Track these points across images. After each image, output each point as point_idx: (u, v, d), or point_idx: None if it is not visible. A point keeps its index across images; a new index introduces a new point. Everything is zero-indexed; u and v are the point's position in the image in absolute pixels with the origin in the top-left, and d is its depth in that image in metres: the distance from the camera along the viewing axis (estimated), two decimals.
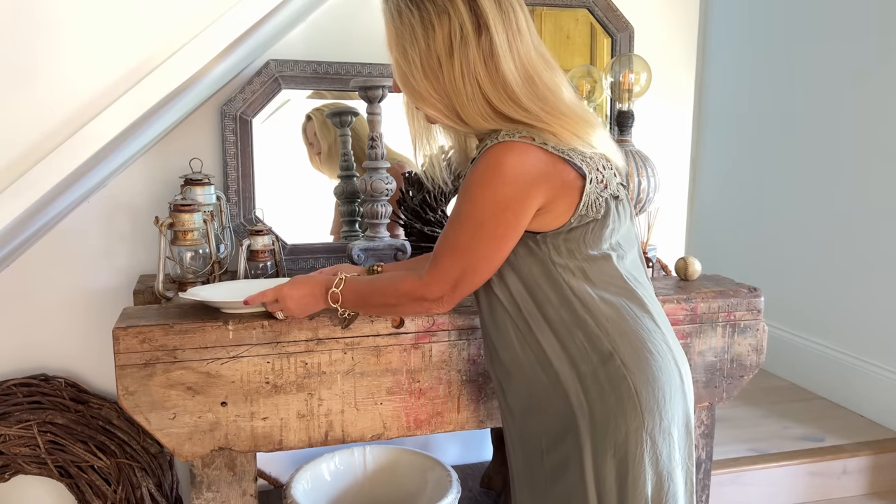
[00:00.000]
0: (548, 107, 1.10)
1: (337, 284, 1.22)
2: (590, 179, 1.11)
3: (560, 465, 1.13)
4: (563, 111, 1.11)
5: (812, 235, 2.74)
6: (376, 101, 1.59)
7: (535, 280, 1.13)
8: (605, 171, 1.14)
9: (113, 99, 1.39)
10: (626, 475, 1.09)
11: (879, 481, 2.23)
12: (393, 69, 1.18)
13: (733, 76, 3.14)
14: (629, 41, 2.03)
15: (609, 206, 1.14)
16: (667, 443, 1.11)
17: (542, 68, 1.13)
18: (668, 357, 1.14)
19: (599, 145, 1.14)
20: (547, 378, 1.13)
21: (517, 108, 1.10)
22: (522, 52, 1.11)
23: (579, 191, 1.10)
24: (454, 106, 1.13)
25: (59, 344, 1.83)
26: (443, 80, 1.11)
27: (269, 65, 1.77)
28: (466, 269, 1.11)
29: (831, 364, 2.64)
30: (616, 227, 1.15)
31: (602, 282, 1.13)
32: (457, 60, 1.09)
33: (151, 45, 1.40)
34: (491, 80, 1.09)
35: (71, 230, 1.78)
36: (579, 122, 1.12)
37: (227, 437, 1.30)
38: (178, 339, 1.25)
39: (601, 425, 1.09)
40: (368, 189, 1.60)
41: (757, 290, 1.54)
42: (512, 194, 1.07)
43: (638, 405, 1.09)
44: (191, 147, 1.81)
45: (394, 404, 1.37)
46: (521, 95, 1.10)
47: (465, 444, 2.17)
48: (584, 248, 1.12)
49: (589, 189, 1.11)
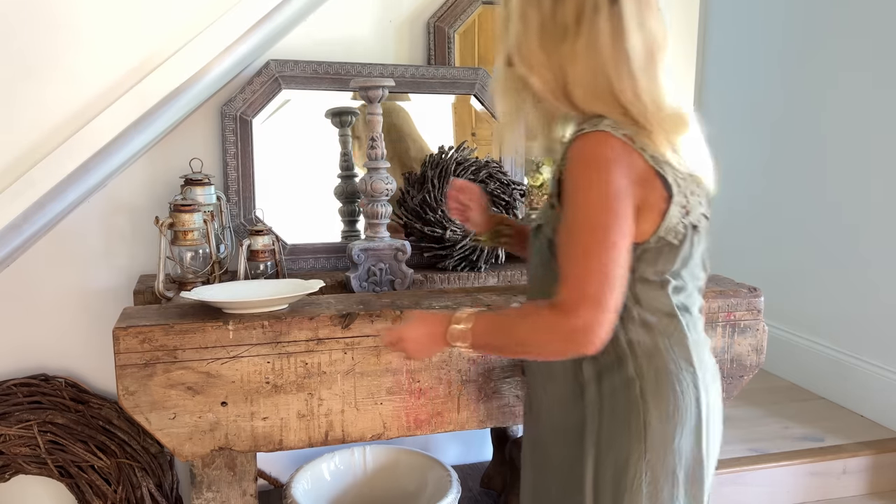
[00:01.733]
0: (657, 97, 1.02)
1: (459, 320, 1.07)
2: (675, 202, 1.03)
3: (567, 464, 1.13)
4: (665, 105, 1.03)
5: (812, 235, 2.74)
6: (376, 101, 1.59)
7: None
8: (691, 197, 1.05)
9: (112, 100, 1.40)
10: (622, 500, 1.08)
11: (879, 481, 2.23)
12: (510, 32, 1.07)
13: (733, 76, 3.14)
14: None
15: (687, 234, 1.05)
16: (669, 482, 1.08)
17: (664, 48, 1.04)
18: (691, 400, 1.08)
19: (689, 156, 1.05)
20: (574, 380, 1.11)
21: (632, 91, 1.01)
22: (650, 27, 1.02)
23: (661, 212, 1.03)
24: (565, 80, 1.03)
25: (59, 344, 1.83)
26: (562, 50, 1.02)
27: (269, 65, 1.77)
28: (605, 274, 0.98)
29: (831, 364, 2.63)
30: (687, 257, 1.08)
31: (650, 306, 1.07)
32: (584, 30, 1.01)
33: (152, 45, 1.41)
34: (615, 55, 1.00)
35: (71, 230, 1.78)
36: (677, 122, 1.03)
37: (228, 437, 1.30)
38: (179, 339, 1.25)
39: (606, 442, 1.08)
40: (368, 189, 1.60)
41: (757, 290, 1.54)
42: (619, 184, 0.99)
43: (643, 435, 1.06)
44: (191, 147, 1.81)
45: (394, 404, 1.37)
46: (640, 76, 1.01)
47: (465, 444, 2.17)
48: (644, 271, 1.05)
49: (672, 211, 1.03)
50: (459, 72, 1.89)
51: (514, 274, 1.78)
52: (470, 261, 1.77)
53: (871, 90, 2.47)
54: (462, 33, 1.93)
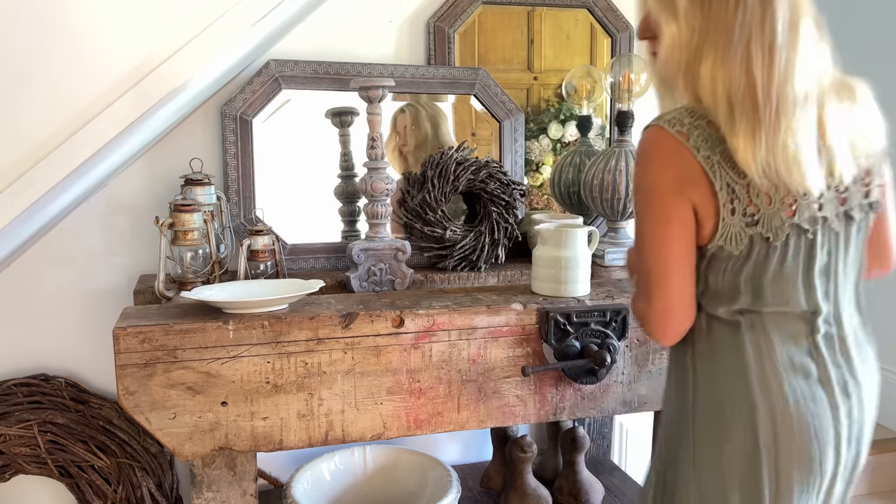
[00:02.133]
0: (782, 94, 0.96)
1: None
2: (723, 204, 0.98)
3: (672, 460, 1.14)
4: (789, 104, 0.96)
5: None
6: (376, 101, 1.59)
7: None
8: (765, 204, 0.98)
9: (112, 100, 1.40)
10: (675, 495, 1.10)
11: (879, 481, 2.23)
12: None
13: None
14: (629, 41, 2.03)
15: (753, 247, 0.99)
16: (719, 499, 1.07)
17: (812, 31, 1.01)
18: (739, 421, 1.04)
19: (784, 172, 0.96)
20: (676, 378, 1.13)
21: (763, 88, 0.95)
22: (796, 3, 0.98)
23: (714, 214, 0.99)
24: (702, 47, 0.98)
25: (60, 344, 1.83)
26: (710, 15, 0.98)
27: (269, 65, 1.77)
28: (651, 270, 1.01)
29: None
30: (772, 275, 1.00)
31: (716, 316, 1.04)
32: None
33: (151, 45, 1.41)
34: (761, 27, 0.96)
35: (71, 230, 1.78)
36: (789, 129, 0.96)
37: (228, 437, 1.30)
38: (179, 339, 1.25)
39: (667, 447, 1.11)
40: (368, 189, 1.60)
41: None
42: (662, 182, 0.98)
43: (692, 458, 1.07)
44: (191, 147, 1.81)
45: (394, 404, 1.37)
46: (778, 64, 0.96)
47: (465, 444, 2.17)
48: (717, 279, 1.02)
49: (727, 217, 0.98)
50: (459, 72, 1.89)
51: (514, 274, 1.78)
52: (470, 261, 1.77)
53: (872, 89, 2.47)
54: (462, 33, 1.93)
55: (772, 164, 0.95)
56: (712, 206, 0.98)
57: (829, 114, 1.00)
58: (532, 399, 1.43)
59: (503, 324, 1.39)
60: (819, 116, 0.99)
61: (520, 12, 1.98)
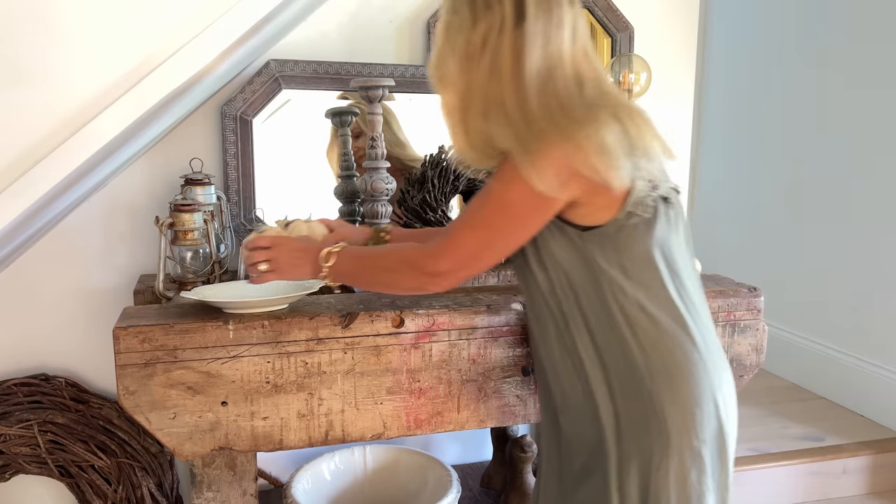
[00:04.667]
0: (557, 106, 1.06)
1: (335, 246, 1.19)
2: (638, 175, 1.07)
3: (587, 470, 1.12)
4: (607, 103, 1.07)
5: (812, 235, 2.74)
6: (376, 101, 1.59)
7: (577, 278, 1.09)
8: (654, 170, 1.09)
9: (113, 99, 1.39)
10: (648, 491, 1.07)
11: (879, 481, 2.23)
12: (432, 58, 1.15)
13: (733, 76, 3.14)
14: (629, 41, 2.03)
15: (658, 207, 1.10)
16: (696, 465, 1.08)
17: (580, 62, 1.09)
18: (704, 382, 1.09)
19: (649, 143, 1.08)
20: (580, 381, 1.12)
21: (520, 109, 1.06)
22: (554, 45, 1.08)
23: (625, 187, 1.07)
24: (469, 104, 1.11)
25: (60, 344, 1.83)
26: (471, 73, 1.09)
27: (270, 65, 1.77)
28: (482, 245, 1.09)
29: (831, 364, 2.64)
30: (667, 233, 1.11)
31: (644, 291, 1.08)
32: (488, 52, 1.08)
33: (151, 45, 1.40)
34: (513, 75, 1.06)
35: (71, 230, 1.78)
36: (623, 115, 1.06)
37: (228, 437, 1.30)
38: (179, 339, 1.25)
39: (627, 438, 1.08)
40: (368, 189, 1.60)
41: (757, 290, 1.54)
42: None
43: (663, 421, 1.06)
44: (191, 147, 1.81)
45: (394, 404, 1.37)
46: (533, 94, 1.06)
47: (465, 444, 2.17)
48: (629, 250, 1.08)
49: (639, 184, 1.07)
50: None
51: (514, 274, 1.78)
52: None
53: (872, 90, 2.47)
54: None
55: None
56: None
57: None
58: (532, 399, 1.43)
59: (503, 324, 1.39)
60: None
61: None
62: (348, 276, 1.21)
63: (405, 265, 1.14)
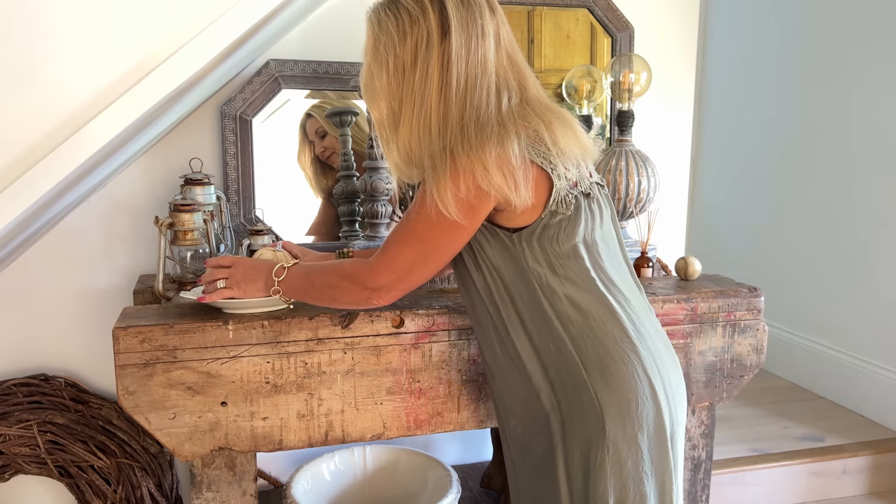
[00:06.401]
0: (473, 119, 1.10)
1: (287, 263, 1.24)
2: (557, 175, 1.11)
3: (539, 464, 1.15)
4: (525, 111, 1.12)
5: (812, 235, 2.74)
6: None
7: (511, 280, 1.13)
8: (573, 170, 1.14)
9: (112, 99, 1.39)
10: (589, 479, 1.10)
11: (879, 481, 2.23)
12: (362, 74, 1.19)
13: (733, 76, 3.14)
14: (629, 41, 2.03)
15: (580, 203, 1.14)
16: (632, 452, 1.09)
17: (505, 71, 1.13)
18: (635, 367, 1.11)
19: (566, 145, 1.13)
20: (522, 379, 1.15)
21: (443, 119, 1.10)
22: (478, 56, 1.11)
23: (547, 187, 1.11)
24: (401, 119, 1.14)
25: (59, 344, 1.83)
26: (402, 89, 1.13)
27: (269, 65, 1.77)
28: (417, 259, 1.12)
29: (831, 364, 2.63)
30: (590, 225, 1.15)
31: (572, 284, 1.12)
32: (419, 67, 1.11)
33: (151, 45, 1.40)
34: (439, 89, 1.10)
35: (71, 230, 1.78)
36: (540, 122, 1.12)
37: (227, 437, 1.30)
38: (178, 339, 1.25)
39: (569, 429, 1.11)
40: (368, 189, 1.60)
41: (757, 290, 1.54)
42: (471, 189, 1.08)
43: (599, 411, 1.08)
44: (191, 147, 1.81)
45: (394, 404, 1.37)
46: (456, 109, 1.10)
47: (465, 444, 2.17)
48: (555, 246, 1.12)
49: (558, 185, 1.11)
50: None
51: None
52: None
53: (873, 89, 2.47)
54: None
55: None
56: (542, 181, 1.13)
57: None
58: None
59: None
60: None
61: (520, 12, 1.98)
62: (298, 291, 1.24)
63: (347, 280, 1.18)
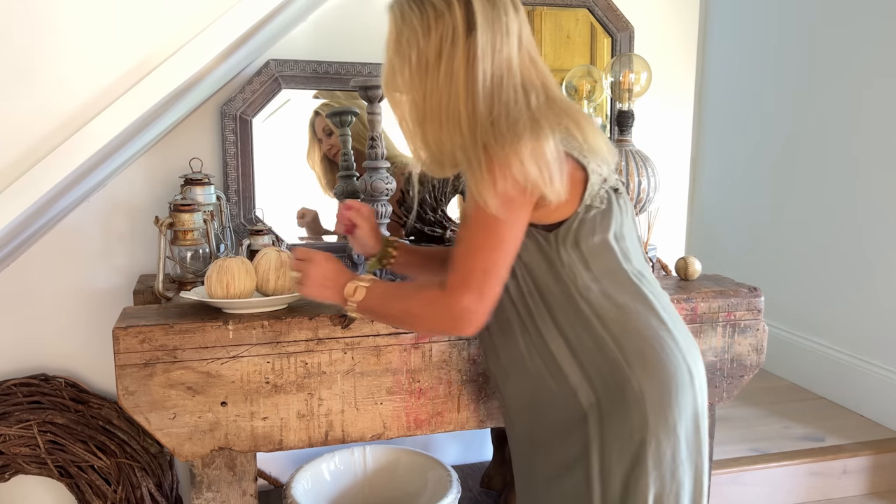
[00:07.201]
0: (532, 107, 1.09)
1: (363, 279, 1.16)
2: (591, 170, 1.11)
3: (565, 464, 1.14)
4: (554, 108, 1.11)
5: (812, 235, 2.74)
6: (376, 101, 1.59)
7: (543, 279, 1.12)
8: (604, 166, 1.15)
9: (112, 99, 1.39)
10: (629, 475, 1.09)
11: (879, 481, 2.23)
12: (383, 68, 1.16)
13: (733, 76, 3.14)
14: (629, 41, 2.03)
15: (611, 197, 1.14)
16: (671, 442, 1.10)
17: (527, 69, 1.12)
18: (675, 353, 1.12)
19: (595, 143, 1.13)
20: (553, 379, 1.13)
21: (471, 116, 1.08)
22: (504, 53, 1.10)
23: (581, 182, 1.11)
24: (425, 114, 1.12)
25: (59, 344, 1.83)
26: (426, 83, 1.11)
27: (269, 64, 1.77)
28: (488, 268, 1.06)
29: (831, 364, 2.63)
30: (619, 220, 1.15)
31: (606, 278, 1.12)
32: (444, 62, 1.09)
33: (151, 45, 1.40)
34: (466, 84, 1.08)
35: (71, 230, 1.78)
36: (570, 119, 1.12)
37: (227, 437, 1.30)
38: (178, 339, 1.25)
39: (608, 426, 1.10)
40: (368, 189, 1.60)
41: (757, 290, 1.54)
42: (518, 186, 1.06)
43: (643, 405, 1.08)
44: (191, 147, 1.81)
45: (394, 404, 1.37)
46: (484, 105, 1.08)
47: (465, 444, 2.17)
48: (588, 241, 1.12)
49: (593, 178, 1.11)
50: None
51: None
52: None
53: (873, 90, 2.47)
54: None
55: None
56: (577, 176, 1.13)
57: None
58: None
59: None
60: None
61: None
62: (375, 314, 1.17)
63: (427, 309, 1.09)
